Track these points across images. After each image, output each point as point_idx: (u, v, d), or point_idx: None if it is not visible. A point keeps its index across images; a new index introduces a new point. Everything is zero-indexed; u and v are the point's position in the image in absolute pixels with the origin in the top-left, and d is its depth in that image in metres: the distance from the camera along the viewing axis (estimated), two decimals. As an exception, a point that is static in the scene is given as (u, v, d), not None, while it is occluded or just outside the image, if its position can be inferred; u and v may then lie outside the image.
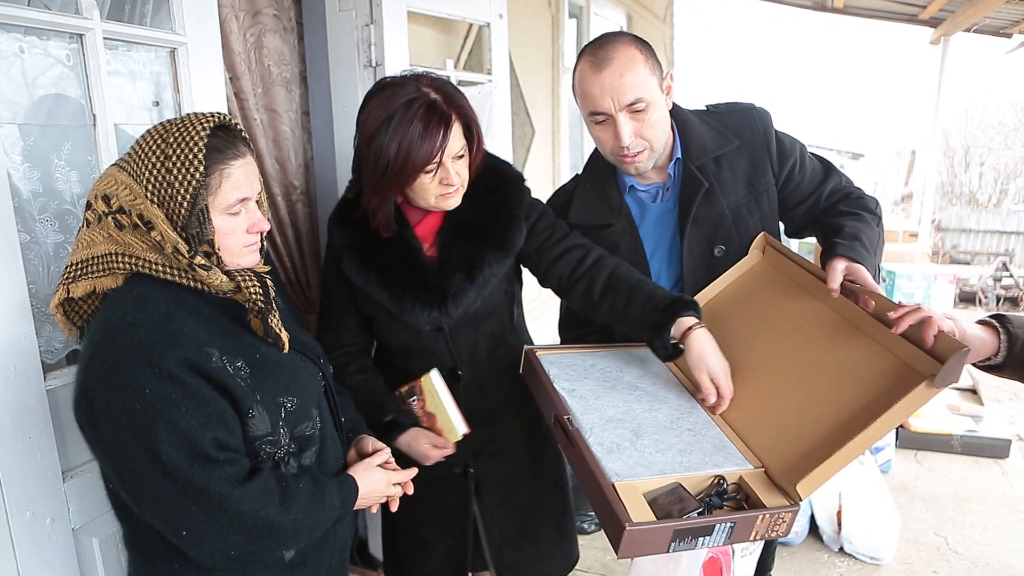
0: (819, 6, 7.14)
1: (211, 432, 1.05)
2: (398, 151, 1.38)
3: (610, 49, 1.49)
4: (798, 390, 1.35)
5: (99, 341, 1.06)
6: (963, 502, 3.25)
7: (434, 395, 1.58)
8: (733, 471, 1.27)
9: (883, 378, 1.26)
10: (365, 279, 1.54)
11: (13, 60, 1.33)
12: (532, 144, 3.79)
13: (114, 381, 1.02)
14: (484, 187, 1.56)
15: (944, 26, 6.87)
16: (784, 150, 1.67)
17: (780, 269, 1.58)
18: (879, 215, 1.62)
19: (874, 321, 1.34)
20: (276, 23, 2.23)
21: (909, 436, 3.74)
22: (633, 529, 1.12)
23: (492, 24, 2.67)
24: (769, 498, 1.21)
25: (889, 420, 1.19)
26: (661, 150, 1.59)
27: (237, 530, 1.07)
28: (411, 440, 1.56)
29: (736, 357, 1.45)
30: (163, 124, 1.11)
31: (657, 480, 1.24)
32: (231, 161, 1.11)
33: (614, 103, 1.49)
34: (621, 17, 5.25)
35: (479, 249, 1.53)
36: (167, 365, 1.03)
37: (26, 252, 1.33)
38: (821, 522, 2.91)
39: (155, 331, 1.05)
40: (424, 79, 1.44)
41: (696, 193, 1.60)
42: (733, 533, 1.18)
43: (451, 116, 1.41)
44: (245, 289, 1.14)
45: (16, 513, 1.30)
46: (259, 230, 1.18)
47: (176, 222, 1.07)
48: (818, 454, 1.20)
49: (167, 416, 1.02)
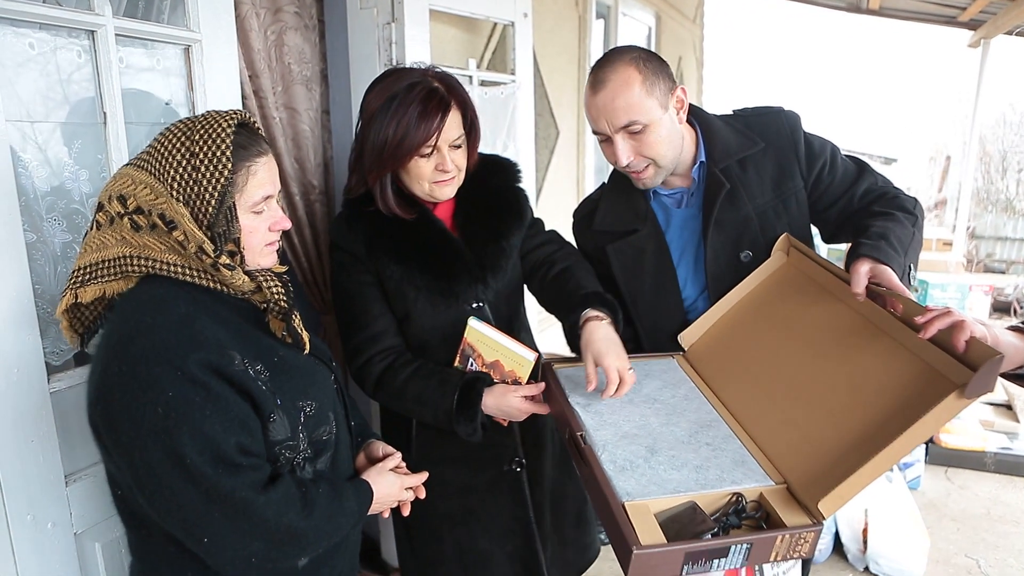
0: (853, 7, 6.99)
1: (235, 437, 1.03)
2: (396, 131, 1.42)
3: (608, 70, 1.47)
4: (822, 400, 1.29)
5: (117, 343, 1.03)
6: (996, 523, 3.14)
7: (485, 340, 1.51)
8: (752, 488, 1.21)
9: (911, 386, 1.19)
10: (405, 270, 1.51)
11: (23, 56, 1.30)
12: (556, 146, 3.74)
13: (135, 384, 1.00)
14: (485, 171, 1.62)
15: (984, 28, 6.69)
16: (813, 151, 1.60)
17: (805, 272, 1.52)
18: (916, 215, 1.53)
19: (902, 326, 1.27)
20: (297, 20, 2.21)
21: (940, 452, 3.62)
22: (641, 553, 1.06)
23: (516, 23, 2.62)
24: (791, 516, 1.15)
25: (917, 433, 1.11)
26: (670, 166, 1.55)
27: (260, 537, 1.05)
28: (498, 401, 1.47)
29: (758, 365, 1.39)
30: (184, 122, 1.09)
31: (671, 499, 1.18)
32: (256, 158, 1.10)
33: (609, 125, 1.48)
34: (650, 17, 5.17)
35: (500, 220, 1.59)
36: (190, 368, 1.00)
37: (32, 252, 1.31)
38: (846, 540, 2.83)
39: (176, 333, 1.02)
40: (429, 70, 1.48)
41: (718, 195, 1.55)
42: (751, 555, 1.11)
43: (450, 102, 1.45)
44: (267, 289, 1.13)
45: (16, 517, 1.28)
46: (280, 228, 1.17)
47: (202, 221, 1.05)
48: (841, 469, 1.14)
49: (191, 420, 0.99)
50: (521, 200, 1.65)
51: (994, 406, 4.06)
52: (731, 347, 1.52)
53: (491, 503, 1.64)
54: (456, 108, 1.47)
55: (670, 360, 1.60)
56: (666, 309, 1.65)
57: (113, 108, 1.41)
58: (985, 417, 3.89)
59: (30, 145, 1.33)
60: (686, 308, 1.65)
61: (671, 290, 1.63)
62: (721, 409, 1.42)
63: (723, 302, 1.57)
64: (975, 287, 5.12)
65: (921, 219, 1.53)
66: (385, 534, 2.51)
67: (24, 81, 1.31)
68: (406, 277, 1.51)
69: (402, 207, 1.52)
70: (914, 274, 1.42)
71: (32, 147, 1.33)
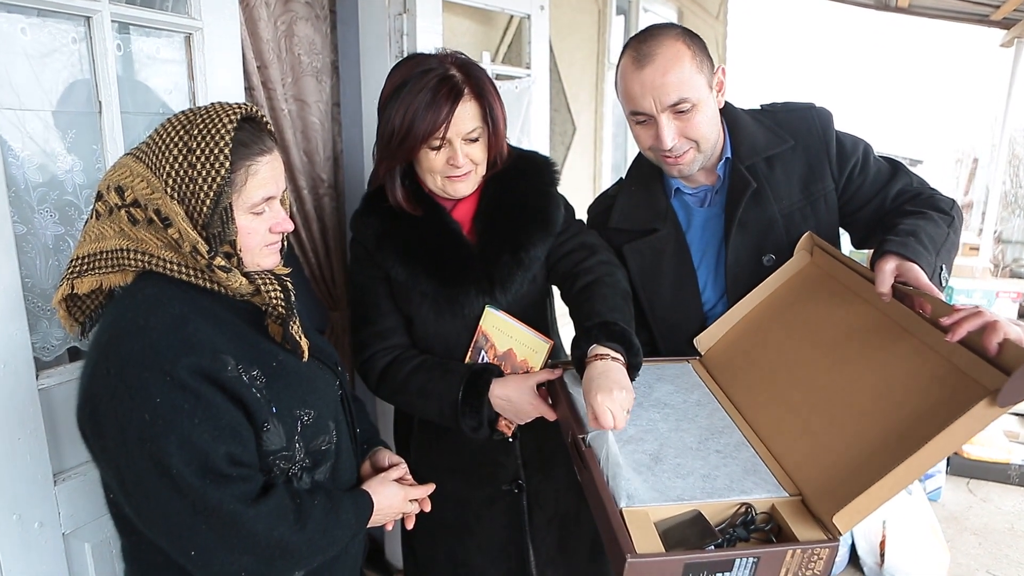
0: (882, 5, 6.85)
1: (224, 446, 0.99)
2: (403, 119, 1.33)
3: (654, 44, 1.38)
4: (843, 407, 1.21)
5: (107, 343, 0.99)
6: (1020, 538, 3.05)
7: (501, 325, 1.44)
8: (764, 499, 1.13)
9: (938, 392, 1.10)
10: (410, 273, 1.43)
11: (15, 42, 1.27)
12: (573, 142, 3.68)
13: (122, 388, 0.95)
14: (516, 170, 1.49)
15: (1018, 28, 6.52)
16: (844, 151, 1.53)
17: (829, 272, 1.44)
18: (953, 216, 1.43)
19: (931, 328, 1.18)
20: (308, 11, 2.17)
21: (962, 463, 3.53)
22: (636, 561, 0.99)
23: (533, 16, 2.57)
24: (804, 531, 1.07)
25: (944, 443, 1.03)
26: (709, 152, 1.47)
27: (250, 551, 1.01)
28: (507, 390, 1.40)
29: (776, 370, 1.33)
30: (186, 113, 1.03)
31: (674, 507, 1.11)
32: (257, 157, 1.04)
33: (656, 103, 1.38)
34: (672, 13, 5.10)
35: (522, 228, 1.46)
36: (179, 373, 0.96)
37: (23, 244, 1.28)
38: (862, 552, 2.76)
39: (168, 335, 0.98)
40: (450, 56, 1.38)
41: (743, 194, 1.48)
42: (757, 570, 1.04)
43: (463, 91, 1.34)
44: (265, 292, 1.08)
45: (2, 516, 1.25)
46: (282, 230, 1.11)
47: (196, 220, 1.00)
48: (860, 481, 1.06)
49: (178, 428, 0.95)
50: (551, 207, 1.50)
51: (1019, 416, 3.96)
52: (749, 351, 1.46)
53: (487, 520, 1.57)
54: (472, 98, 1.36)
55: (685, 364, 1.54)
56: (684, 313, 1.59)
57: (109, 97, 1.37)
58: (1010, 428, 3.80)
59: (22, 134, 1.29)
60: (705, 312, 1.58)
61: (690, 293, 1.57)
62: (736, 416, 1.35)
63: (743, 304, 1.50)
64: (1002, 293, 4.99)
65: (958, 221, 1.44)
66: (390, 535, 2.48)
67: (16, 68, 1.28)
68: (410, 280, 1.44)
69: (411, 202, 1.44)
70: (946, 276, 1.33)
71: (24, 136, 1.29)
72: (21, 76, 1.28)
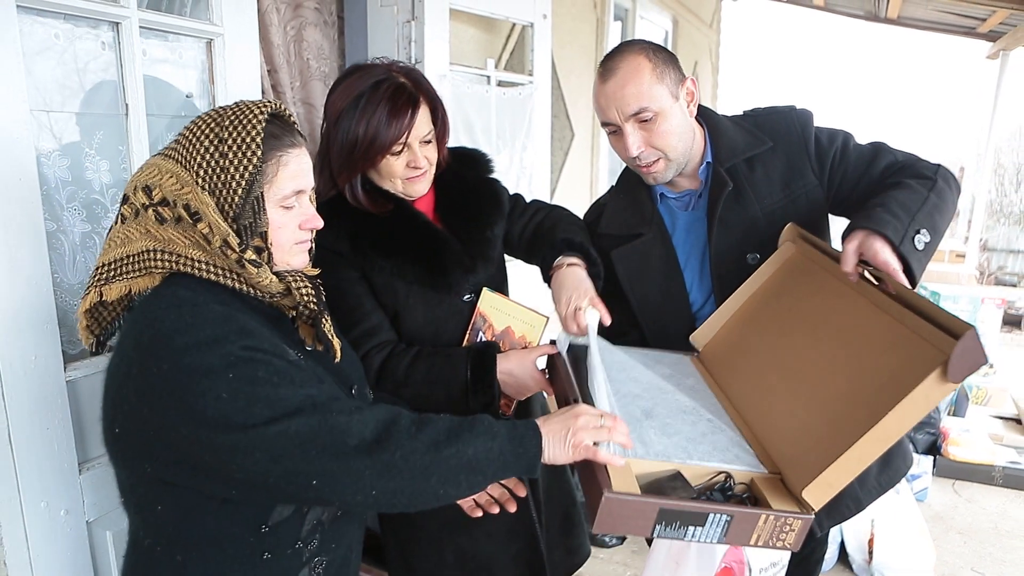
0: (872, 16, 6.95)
1: (307, 389, 0.97)
2: (366, 131, 1.36)
3: (618, 59, 1.46)
4: (821, 388, 1.24)
5: (150, 344, 0.94)
6: (1004, 537, 3.11)
7: (498, 304, 1.50)
8: (744, 471, 1.16)
9: (896, 361, 1.13)
10: (395, 264, 1.47)
11: (48, 47, 1.31)
12: (571, 147, 3.74)
13: (185, 380, 0.91)
14: (459, 164, 1.60)
15: (1004, 40, 6.63)
16: (822, 146, 1.56)
17: (812, 259, 1.48)
18: (935, 179, 1.43)
19: (892, 301, 1.21)
20: (317, 17, 2.21)
21: (947, 465, 3.60)
22: (612, 497, 1.00)
23: (535, 24, 2.62)
24: (780, 505, 1.09)
25: (906, 412, 1.06)
26: (681, 159, 1.52)
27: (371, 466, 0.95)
28: (511, 365, 1.44)
29: (763, 359, 1.36)
30: (216, 110, 1.03)
31: (655, 464, 1.13)
32: (288, 149, 1.04)
33: (619, 113, 1.46)
34: (667, 21, 5.17)
35: (482, 210, 1.57)
36: (243, 353, 0.93)
37: (52, 241, 1.32)
38: (851, 550, 2.81)
39: (222, 325, 0.95)
40: (394, 65, 1.44)
41: (721, 193, 1.53)
42: (730, 529, 1.06)
43: (419, 98, 1.40)
44: (296, 291, 1.05)
45: (31, 504, 1.29)
46: (312, 227, 1.10)
47: (227, 212, 0.99)
48: (828, 454, 1.08)
49: (263, 387, 0.92)
50: (498, 190, 1.62)
51: (1004, 420, 4.04)
52: (739, 343, 1.49)
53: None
54: (425, 103, 1.42)
55: (683, 357, 1.57)
56: (673, 314, 1.63)
57: (135, 100, 1.42)
58: (994, 431, 3.87)
59: (51, 135, 1.33)
60: (693, 312, 1.63)
61: (678, 295, 1.61)
62: (726, 404, 1.39)
63: (733, 298, 1.53)
64: (987, 300, 5.06)
65: (943, 182, 1.44)
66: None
67: (47, 71, 1.32)
68: (396, 271, 1.47)
69: (376, 204, 1.48)
70: (925, 238, 1.31)
71: (53, 137, 1.34)
72: (53, 79, 1.33)
